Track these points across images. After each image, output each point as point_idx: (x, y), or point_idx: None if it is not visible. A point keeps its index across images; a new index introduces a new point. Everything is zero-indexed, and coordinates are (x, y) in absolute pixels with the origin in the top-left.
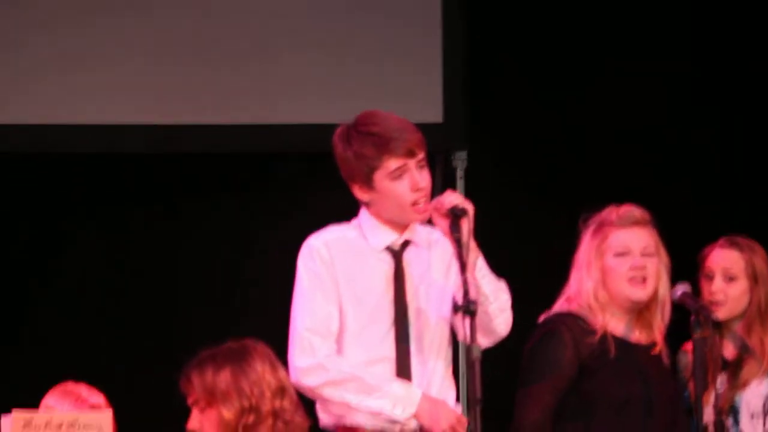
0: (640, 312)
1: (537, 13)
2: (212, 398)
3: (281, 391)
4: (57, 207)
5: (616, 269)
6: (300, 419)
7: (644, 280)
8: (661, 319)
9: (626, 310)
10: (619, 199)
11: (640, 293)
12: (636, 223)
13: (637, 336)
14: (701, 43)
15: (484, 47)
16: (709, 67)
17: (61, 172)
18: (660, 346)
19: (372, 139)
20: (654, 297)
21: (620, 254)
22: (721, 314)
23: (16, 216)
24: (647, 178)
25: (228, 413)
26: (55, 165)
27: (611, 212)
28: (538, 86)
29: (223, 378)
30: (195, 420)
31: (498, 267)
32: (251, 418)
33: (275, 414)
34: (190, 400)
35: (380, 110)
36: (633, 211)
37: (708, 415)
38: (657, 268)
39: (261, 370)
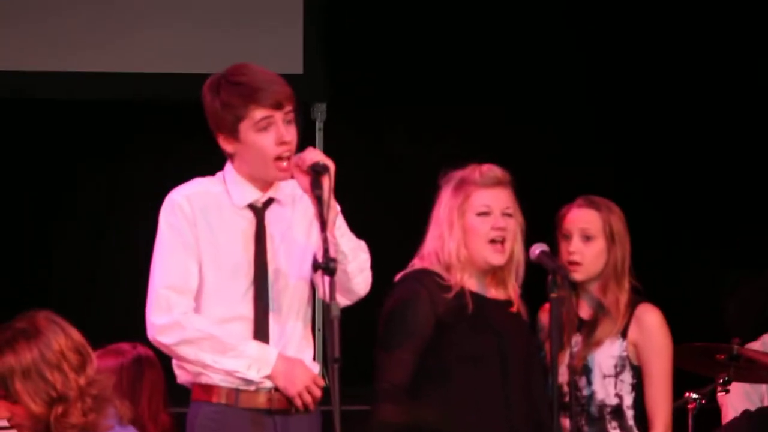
0: (494, 270)
1: None
2: (17, 394)
3: (82, 364)
4: None
5: (478, 229)
6: (105, 378)
7: (503, 242)
8: (516, 279)
9: (482, 270)
10: (482, 157)
11: (499, 258)
12: (498, 182)
13: (494, 293)
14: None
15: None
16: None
17: None
18: (517, 305)
19: (239, 89)
20: (510, 257)
21: (482, 213)
22: (578, 275)
23: None
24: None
25: (37, 407)
26: None
27: (473, 171)
28: (398, 40)
29: (26, 367)
30: (3, 410)
31: (354, 225)
32: (60, 409)
33: (82, 393)
34: None
35: (252, 63)
36: (495, 170)
37: (562, 374)
38: (514, 228)
39: (58, 347)
